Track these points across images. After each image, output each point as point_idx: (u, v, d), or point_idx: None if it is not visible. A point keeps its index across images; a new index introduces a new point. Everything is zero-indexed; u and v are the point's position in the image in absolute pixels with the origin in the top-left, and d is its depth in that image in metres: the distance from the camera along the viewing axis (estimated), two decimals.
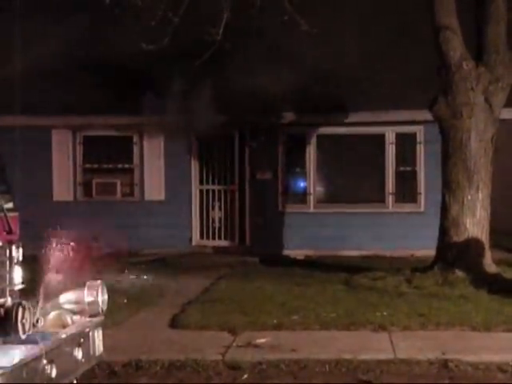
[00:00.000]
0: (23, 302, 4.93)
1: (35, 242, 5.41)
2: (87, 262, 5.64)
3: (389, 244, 16.45)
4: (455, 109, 12.46)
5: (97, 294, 5.63)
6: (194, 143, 17.67)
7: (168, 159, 17.57)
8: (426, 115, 13.23)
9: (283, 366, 7.88)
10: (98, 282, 5.71)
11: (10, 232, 5.50)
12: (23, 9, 15.27)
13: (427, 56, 13.68)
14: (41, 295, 5.21)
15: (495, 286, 11.36)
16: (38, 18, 16.19)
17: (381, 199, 17.25)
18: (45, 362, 4.87)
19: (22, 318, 4.82)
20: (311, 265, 15.08)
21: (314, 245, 16.80)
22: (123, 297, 10.91)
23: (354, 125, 16.85)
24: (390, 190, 17.21)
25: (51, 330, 5.30)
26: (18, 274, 5.30)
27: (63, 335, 5.30)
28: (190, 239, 17.70)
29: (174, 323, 9.68)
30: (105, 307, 5.72)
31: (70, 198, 17.75)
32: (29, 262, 5.43)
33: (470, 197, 12.39)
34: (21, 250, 5.36)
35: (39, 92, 16.57)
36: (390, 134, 17.21)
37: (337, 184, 17.56)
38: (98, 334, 5.79)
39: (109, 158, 17.87)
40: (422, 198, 17.04)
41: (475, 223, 12.39)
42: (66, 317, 5.52)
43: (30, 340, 4.88)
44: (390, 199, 17.22)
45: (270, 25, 15.71)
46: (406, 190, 17.24)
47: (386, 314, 9.87)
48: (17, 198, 5.96)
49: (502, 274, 12.31)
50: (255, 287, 12.15)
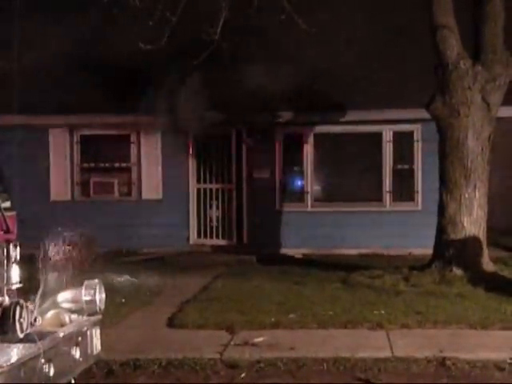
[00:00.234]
0: (21, 301, 4.91)
1: (33, 241, 5.42)
2: (85, 261, 5.65)
3: (386, 242, 16.43)
4: (452, 107, 12.48)
5: (94, 292, 5.62)
6: (191, 142, 17.64)
7: (165, 158, 17.55)
8: (424, 114, 13.22)
9: (281, 364, 7.88)
10: (96, 280, 5.70)
11: (7, 231, 5.51)
12: (22, 9, 15.24)
13: (424, 55, 13.70)
14: (38, 294, 5.21)
15: (492, 284, 11.36)
16: (35, 17, 16.21)
17: (378, 198, 17.24)
18: (43, 361, 4.87)
19: (20, 317, 4.82)
20: (309, 263, 15.07)
21: (312, 243, 16.79)
22: (121, 296, 10.92)
23: (351, 123, 16.83)
24: (388, 188, 17.21)
25: (49, 328, 5.29)
26: (15, 273, 5.28)
27: (61, 334, 5.29)
28: (188, 238, 17.67)
29: (171, 322, 9.68)
30: (102, 306, 5.70)
31: (68, 197, 17.74)
32: (26, 261, 5.43)
33: (467, 195, 12.41)
34: (18, 249, 5.35)
35: (37, 91, 16.57)
36: (387, 133, 17.20)
37: (334, 182, 17.55)
38: (96, 333, 5.79)
39: (106, 157, 17.85)
40: (419, 197, 17.03)
41: (472, 221, 12.41)
42: (63, 316, 5.51)
43: (28, 339, 4.87)
44: (387, 198, 17.22)
45: (267, 24, 15.73)
46: (404, 188, 17.22)
47: (383, 312, 9.88)
48: (14, 197, 5.96)
49: (499, 273, 12.35)
50: (253, 286, 12.16)
